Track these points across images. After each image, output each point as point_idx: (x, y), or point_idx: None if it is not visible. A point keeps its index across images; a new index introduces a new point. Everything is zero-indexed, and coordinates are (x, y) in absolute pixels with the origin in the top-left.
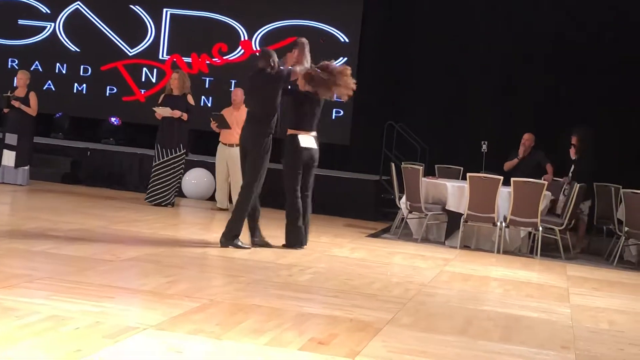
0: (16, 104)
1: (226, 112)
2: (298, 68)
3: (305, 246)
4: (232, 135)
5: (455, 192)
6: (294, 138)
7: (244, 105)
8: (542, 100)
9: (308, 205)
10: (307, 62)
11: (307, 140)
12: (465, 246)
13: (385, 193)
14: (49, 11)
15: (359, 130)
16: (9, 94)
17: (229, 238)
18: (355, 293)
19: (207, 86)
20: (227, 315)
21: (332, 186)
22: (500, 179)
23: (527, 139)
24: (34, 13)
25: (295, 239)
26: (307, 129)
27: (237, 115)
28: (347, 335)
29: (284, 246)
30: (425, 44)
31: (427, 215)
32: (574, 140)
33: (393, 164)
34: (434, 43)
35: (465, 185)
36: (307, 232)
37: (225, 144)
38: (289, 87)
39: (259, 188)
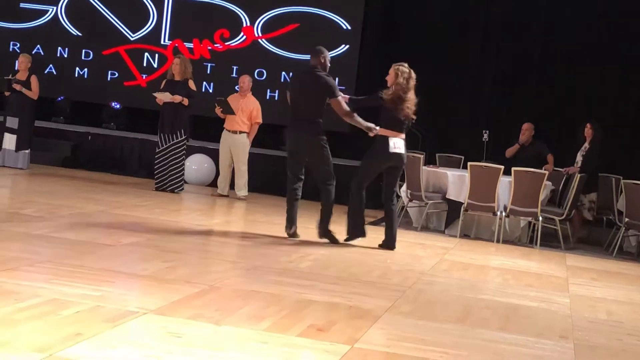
0: (17, 87)
1: (232, 99)
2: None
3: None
4: (237, 122)
5: (455, 181)
6: (386, 140)
7: (250, 93)
8: (544, 91)
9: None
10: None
11: (399, 143)
12: (465, 235)
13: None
14: None
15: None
16: (10, 77)
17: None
18: (354, 280)
19: (208, 72)
20: (227, 301)
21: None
22: (501, 169)
23: (526, 128)
24: None
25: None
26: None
27: (242, 103)
28: (346, 322)
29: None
30: (426, 31)
31: (427, 203)
32: (588, 128)
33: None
34: (435, 30)
35: (466, 174)
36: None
37: (229, 131)
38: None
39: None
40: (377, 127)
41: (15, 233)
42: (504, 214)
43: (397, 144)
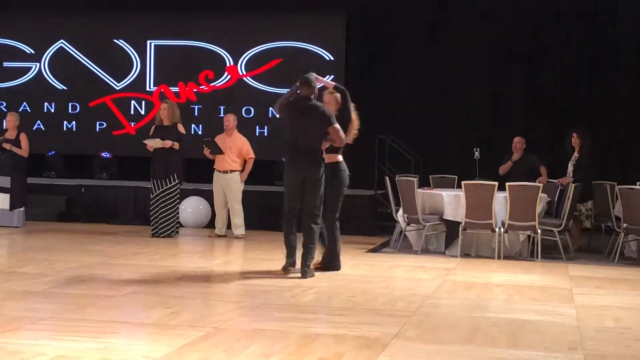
0: (7, 146)
1: (219, 139)
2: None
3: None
4: (226, 161)
5: (451, 201)
6: (341, 164)
7: (237, 131)
8: (531, 104)
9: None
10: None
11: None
12: (465, 254)
13: (381, 207)
14: (33, 51)
15: (349, 146)
16: None
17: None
18: (359, 310)
19: (196, 114)
20: (233, 342)
21: None
22: (495, 185)
23: (517, 141)
24: (18, 54)
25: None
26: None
27: (229, 141)
28: (355, 352)
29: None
30: (409, 56)
31: (425, 226)
32: (575, 138)
33: (387, 178)
34: (418, 54)
35: (461, 193)
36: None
37: (220, 171)
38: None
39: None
40: None
41: (15, 292)
42: (502, 229)
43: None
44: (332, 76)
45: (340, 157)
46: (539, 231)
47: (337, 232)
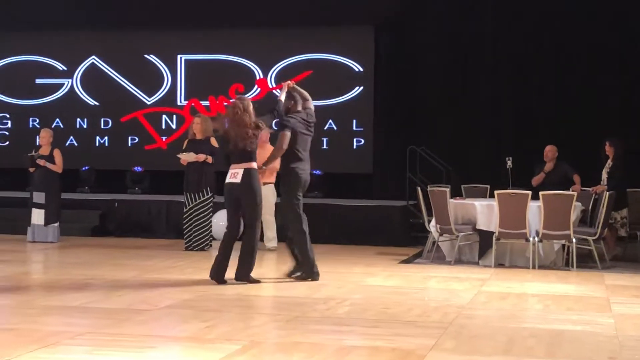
0: (41, 162)
1: None
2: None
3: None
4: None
5: (484, 211)
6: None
7: (269, 144)
8: (562, 112)
9: None
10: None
11: None
12: (499, 264)
13: (413, 218)
14: (65, 68)
15: (380, 157)
16: (33, 154)
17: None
18: (394, 321)
19: (226, 127)
20: (270, 355)
21: (359, 215)
22: (529, 194)
23: (549, 150)
24: (51, 71)
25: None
26: None
27: (262, 154)
28: None
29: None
30: (438, 66)
31: (458, 236)
32: (608, 146)
33: (419, 188)
34: (447, 64)
35: (494, 203)
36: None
37: None
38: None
39: None
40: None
41: (53, 307)
42: (536, 239)
43: None
44: (362, 87)
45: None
46: (574, 240)
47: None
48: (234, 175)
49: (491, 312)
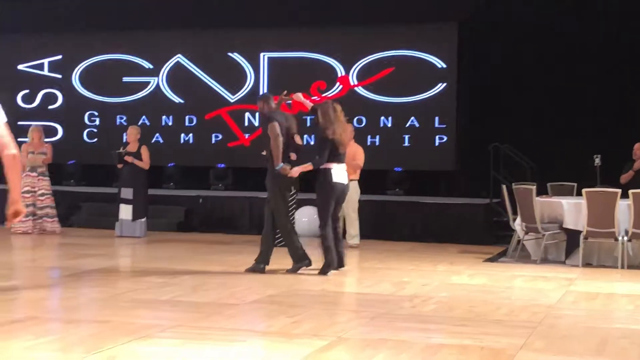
0: (129, 159)
1: None
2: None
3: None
4: None
5: (571, 209)
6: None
7: (353, 141)
8: None
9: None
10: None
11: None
12: (587, 264)
13: (497, 216)
14: (151, 66)
15: (463, 154)
16: (121, 150)
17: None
18: (482, 320)
19: (308, 125)
20: (357, 352)
21: (442, 213)
22: (618, 192)
23: (638, 148)
24: (137, 69)
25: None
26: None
27: (347, 151)
28: None
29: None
30: (522, 63)
31: (544, 235)
32: None
33: (504, 186)
34: (531, 61)
35: (582, 201)
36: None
37: None
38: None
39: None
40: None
41: (143, 300)
42: (625, 238)
43: None
44: (445, 84)
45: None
46: None
47: None
48: (342, 174)
49: (581, 312)
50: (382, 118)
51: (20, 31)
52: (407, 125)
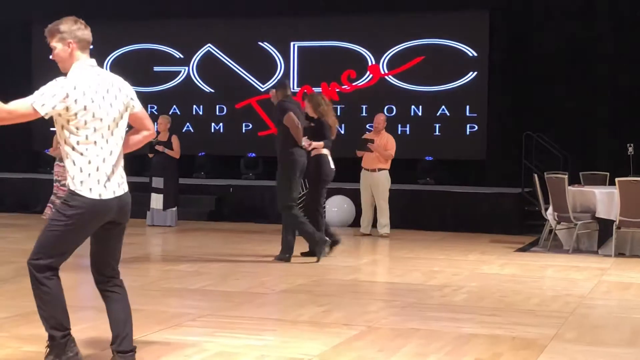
0: (160, 148)
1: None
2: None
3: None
4: (373, 160)
5: (604, 199)
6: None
7: (384, 131)
8: None
9: None
10: None
11: None
12: (620, 254)
13: (528, 205)
14: (182, 56)
15: (494, 143)
16: (152, 140)
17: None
18: (513, 310)
19: (338, 114)
20: (388, 341)
21: (473, 202)
22: None
23: None
24: (168, 59)
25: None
26: None
27: (378, 140)
28: (512, 354)
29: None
30: (554, 51)
31: (576, 224)
32: None
33: (536, 175)
34: (563, 49)
35: (615, 190)
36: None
37: (368, 170)
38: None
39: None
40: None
41: (174, 289)
42: None
43: None
44: (475, 72)
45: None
46: None
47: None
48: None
49: (613, 303)
50: (413, 107)
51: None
52: (438, 114)
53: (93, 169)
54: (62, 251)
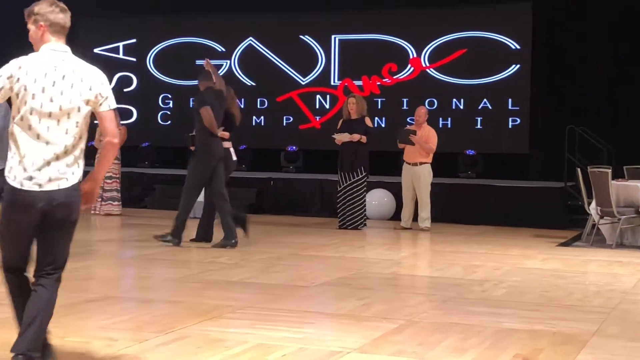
0: None
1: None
2: None
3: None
4: (414, 153)
5: None
6: None
7: (426, 124)
8: None
9: None
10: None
11: None
12: None
13: (571, 199)
14: (224, 49)
15: (537, 137)
16: (194, 133)
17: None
18: (554, 305)
19: (379, 107)
20: (427, 335)
21: (515, 196)
22: None
23: None
24: (210, 52)
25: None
26: None
27: (419, 133)
28: (553, 349)
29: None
30: (598, 43)
31: (620, 219)
32: None
33: (579, 169)
34: (607, 41)
35: None
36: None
37: (409, 163)
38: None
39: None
40: None
41: (214, 281)
42: None
43: None
44: (518, 65)
45: None
46: None
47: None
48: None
49: None
50: (454, 100)
51: (96, 15)
52: (480, 107)
53: (22, 155)
54: (7, 249)
